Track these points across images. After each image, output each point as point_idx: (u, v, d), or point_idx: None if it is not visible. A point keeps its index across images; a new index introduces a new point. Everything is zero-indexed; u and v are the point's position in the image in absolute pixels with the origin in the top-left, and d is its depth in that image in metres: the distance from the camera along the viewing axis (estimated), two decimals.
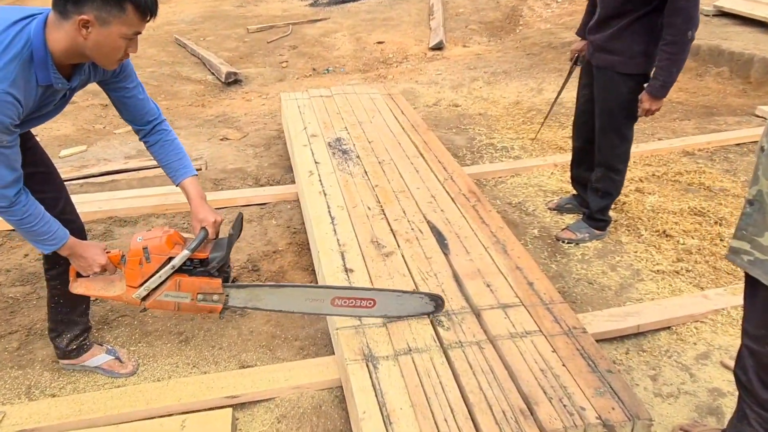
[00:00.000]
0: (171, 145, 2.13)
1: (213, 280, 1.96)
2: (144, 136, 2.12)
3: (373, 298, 2.13)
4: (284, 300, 2.08)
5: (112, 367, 2.31)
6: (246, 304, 2.06)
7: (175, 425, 1.98)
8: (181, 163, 2.13)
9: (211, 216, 2.05)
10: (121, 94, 2.01)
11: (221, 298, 2.00)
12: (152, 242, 1.91)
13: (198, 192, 2.11)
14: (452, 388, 1.91)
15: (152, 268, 1.91)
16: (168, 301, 1.96)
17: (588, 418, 1.79)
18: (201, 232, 1.97)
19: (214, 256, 1.94)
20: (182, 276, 1.94)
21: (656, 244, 3.07)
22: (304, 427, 2.05)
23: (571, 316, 2.23)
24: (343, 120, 4.05)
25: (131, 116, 2.06)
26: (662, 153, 4.08)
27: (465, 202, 3.01)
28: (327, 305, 2.10)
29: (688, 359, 2.36)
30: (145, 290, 1.92)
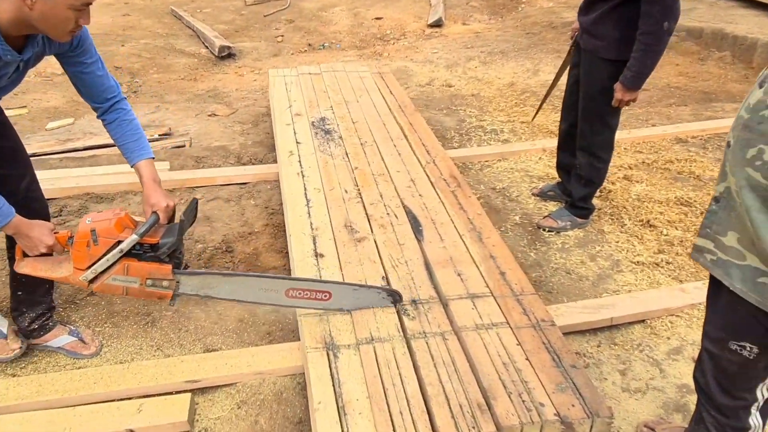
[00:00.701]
0: (129, 125, 2.07)
1: (163, 266, 1.91)
2: (102, 114, 2.05)
3: (328, 290, 2.09)
4: (237, 289, 2.04)
5: (74, 348, 2.29)
6: (197, 291, 2.01)
7: (132, 409, 1.96)
8: (137, 144, 2.07)
9: (163, 200, 2.00)
10: (79, 69, 1.95)
11: (171, 284, 1.95)
12: (101, 225, 1.86)
13: (151, 175, 2.05)
14: (411, 380, 1.88)
15: (100, 250, 1.86)
16: (116, 285, 1.91)
17: (546, 415, 1.75)
18: (152, 217, 1.92)
19: (164, 241, 1.89)
20: (131, 260, 1.89)
21: (639, 234, 3.01)
22: (263, 414, 2.03)
23: (541, 308, 2.19)
24: (330, 99, 3.98)
25: (89, 93, 2.00)
26: (654, 140, 4.00)
27: (445, 187, 2.95)
28: (282, 296, 2.06)
29: (660, 354, 2.32)
30: (92, 273, 1.88)
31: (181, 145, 4.09)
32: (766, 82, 1.30)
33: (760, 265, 1.32)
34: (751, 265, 1.34)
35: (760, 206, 1.29)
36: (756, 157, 1.28)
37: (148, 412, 1.95)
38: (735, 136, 1.36)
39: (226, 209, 3.20)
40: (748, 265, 1.35)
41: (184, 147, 4.07)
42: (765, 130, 1.26)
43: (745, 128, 1.31)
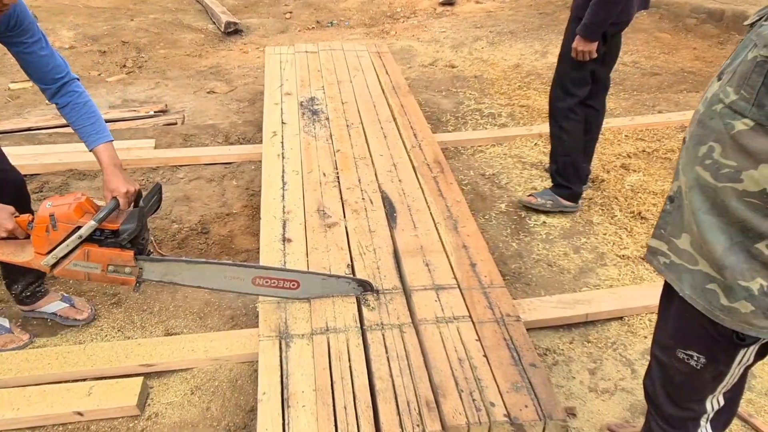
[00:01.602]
0: (83, 108, 2.01)
1: (124, 252, 1.88)
2: (52, 97, 2.00)
3: (296, 279, 2.05)
4: (203, 276, 2.01)
5: (67, 314, 2.29)
6: (162, 278, 1.98)
7: (83, 391, 1.95)
8: (94, 128, 2.02)
9: (123, 186, 1.96)
10: (20, 50, 1.89)
11: (134, 270, 1.92)
12: (60, 209, 1.83)
13: (111, 159, 2.01)
14: (361, 374, 1.82)
15: (59, 236, 1.84)
16: (78, 271, 1.90)
17: (495, 415, 1.69)
18: (111, 203, 1.88)
19: (125, 227, 1.86)
20: (91, 246, 1.86)
21: (628, 226, 2.89)
22: (216, 401, 2.00)
23: (508, 302, 2.11)
24: (323, 78, 3.90)
25: (35, 74, 1.94)
26: (658, 127, 3.84)
27: (427, 173, 2.87)
28: (248, 284, 2.02)
29: (634, 354, 2.22)
30: (53, 258, 1.86)
31: (173, 122, 4.05)
32: (724, 74, 1.19)
33: (710, 270, 1.23)
34: (702, 271, 1.25)
35: (709, 208, 1.19)
36: (706, 155, 1.18)
37: (98, 395, 1.93)
38: (690, 132, 1.26)
39: (207, 189, 3.16)
40: (699, 270, 1.26)
41: (176, 124, 4.03)
42: (716, 127, 1.15)
43: (698, 124, 1.21)
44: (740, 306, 1.18)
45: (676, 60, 5.14)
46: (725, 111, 1.13)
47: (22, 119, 4.21)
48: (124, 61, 5.77)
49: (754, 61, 1.09)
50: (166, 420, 1.93)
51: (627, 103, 4.26)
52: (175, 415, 1.95)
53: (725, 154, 1.14)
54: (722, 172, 1.14)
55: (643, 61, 5.11)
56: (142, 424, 1.92)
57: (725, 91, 1.13)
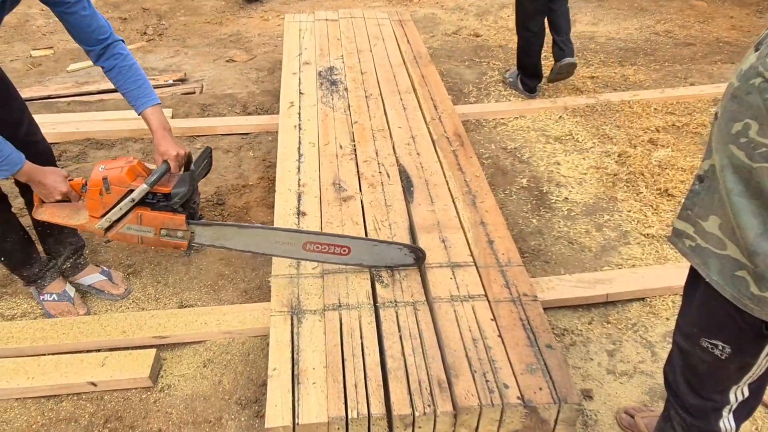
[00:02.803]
0: (129, 71, 1.98)
1: (176, 216, 1.87)
2: (98, 60, 1.96)
3: (347, 245, 2.01)
4: (253, 241, 1.98)
5: (103, 287, 2.32)
6: (213, 242, 1.97)
7: (97, 361, 1.96)
8: (141, 91, 1.99)
9: (173, 149, 1.94)
10: (62, 10, 1.85)
11: (186, 234, 1.91)
12: (113, 173, 1.82)
13: (161, 123, 1.99)
14: (372, 351, 1.79)
15: (113, 199, 1.83)
16: (131, 234, 1.89)
17: (508, 398, 1.65)
18: (162, 166, 1.86)
19: (177, 191, 1.84)
20: (144, 210, 1.86)
21: (654, 204, 2.79)
22: (228, 374, 2.00)
23: (525, 281, 2.05)
24: (342, 47, 3.81)
25: (78, 35, 1.90)
26: (689, 100, 3.69)
27: (446, 146, 2.79)
28: (299, 249, 1.99)
29: (655, 336, 2.16)
30: (107, 222, 1.85)
31: (191, 91, 4.01)
32: (762, 44, 1.10)
33: (740, 257, 1.16)
34: (730, 256, 1.18)
35: (743, 189, 1.11)
36: (741, 132, 1.09)
37: (111, 366, 1.94)
38: (722, 107, 1.17)
39: (224, 160, 3.13)
40: (727, 255, 1.18)
41: (194, 94, 4.00)
42: (753, 102, 1.07)
43: (733, 99, 1.12)
44: None
45: (711, 29, 4.93)
46: (765, 85, 1.04)
47: (42, 87, 4.21)
48: (144, 29, 5.72)
49: None
50: (179, 392, 1.94)
51: (657, 74, 4.10)
52: (188, 388, 1.96)
53: (763, 132, 1.05)
54: (759, 151, 1.06)
55: (677, 31, 4.90)
56: (154, 395, 1.92)
57: (765, 63, 1.04)
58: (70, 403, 1.89)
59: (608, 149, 3.19)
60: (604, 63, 4.30)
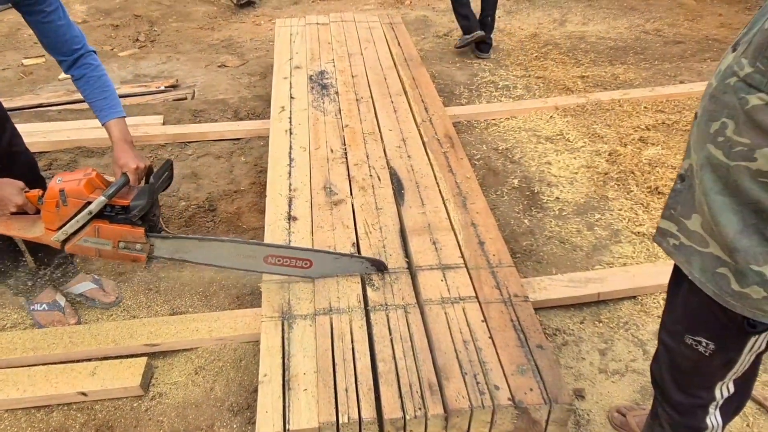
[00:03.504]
0: (97, 81, 1.98)
1: (135, 228, 1.86)
2: (69, 69, 1.97)
3: (309, 258, 2.01)
4: (214, 254, 1.99)
5: (94, 295, 2.31)
6: (173, 255, 1.96)
7: (87, 371, 1.96)
8: (107, 102, 1.99)
9: (133, 162, 1.93)
10: (38, 19, 1.85)
11: (145, 247, 1.90)
12: (70, 185, 1.81)
13: (122, 135, 1.98)
14: (363, 355, 1.79)
15: (70, 211, 1.82)
16: (89, 247, 1.88)
17: (499, 399, 1.65)
18: (121, 178, 1.85)
19: (135, 203, 1.83)
20: (102, 222, 1.85)
21: (645, 202, 2.80)
22: (219, 381, 2.00)
23: (516, 282, 2.05)
24: (333, 51, 3.81)
25: (52, 44, 1.90)
26: (679, 98, 3.70)
27: (437, 148, 2.80)
28: (260, 263, 2.00)
29: (646, 334, 2.16)
30: (63, 234, 1.84)
31: (183, 97, 4.02)
32: (739, 45, 1.10)
33: (721, 254, 1.16)
34: (712, 253, 1.18)
35: (721, 188, 1.12)
36: (718, 131, 1.10)
37: (102, 375, 1.94)
38: (702, 107, 1.18)
39: (215, 166, 3.13)
40: (709, 252, 1.19)
41: (186, 99, 4.00)
42: (729, 102, 1.07)
43: (711, 98, 1.13)
44: (752, 291, 1.12)
45: (700, 27, 4.95)
46: (739, 85, 1.05)
47: (34, 95, 4.21)
48: (136, 35, 5.73)
49: None
50: (170, 400, 1.94)
51: (647, 73, 4.11)
52: (179, 396, 1.95)
53: (739, 131, 1.06)
54: (735, 150, 1.07)
55: (666, 29, 4.92)
56: (146, 404, 1.92)
57: (740, 63, 1.05)
58: (60, 413, 1.89)
59: (599, 148, 3.20)
60: (594, 62, 4.31)
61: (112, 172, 1.99)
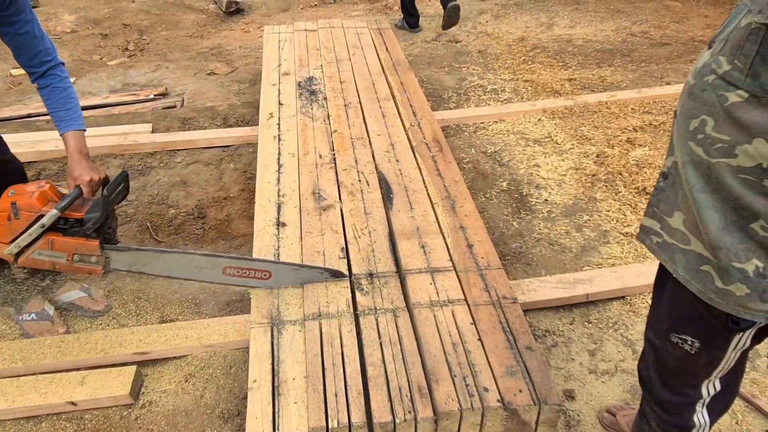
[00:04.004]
0: (62, 92, 1.99)
1: (90, 241, 1.85)
2: (36, 79, 1.98)
3: (268, 270, 2.01)
4: (171, 266, 1.98)
5: (84, 304, 2.30)
6: (130, 267, 1.96)
7: (76, 381, 1.94)
8: (68, 113, 2.00)
9: (86, 174, 1.93)
10: (14, 30, 1.86)
11: (100, 260, 1.89)
12: (22, 198, 1.80)
13: (78, 147, 1.98)
14: (353, 360, 1.79)
15: (22, 224, 1.81)
16: (43, 260, 1.87)
17: (488, 401, 1.65)
18: (74, 191, 1.85)
19: (90, 216, 1.83)
20: (55, 235, 1.84)
21: (633, 203, 2.82)
22: (210, 388, 1.99)
23: (504, 284, 2.06)
24: (322, 57, 3.82)
25: (24, 56, 1.91)
26: (666, 99, 3.73)
27: (425, 152, 2.81)
28: (218, 274, 2.00)
29: (636, 334, 2.17)
30: (16, 247, 1.83)
31: (172, 105, 4.01)
32: (715, 43, 1.12)
33: (704, 251, 1.17)
34: (695, 251, 1.19)
35: (703, 185, 1.13)
36: (698, 129, 1.11)
37: (91, 384, 1.93)
38: (680, 105, 1.19)
39: (205, 173, 3.12)
40: (692, 250, 1.20)
41: (175, 108, 3.99)
42: (708, 99, 1.09)
43: (689, 96, 1.14)
44: (735, 288, 1.12)
45: (686, 29, 4.99)
46: (718, 82, 1.06)
47: (22, 106, 4.20)
48: (125, 44, 5.72)
49: (748, 28, 1.01)
50: (160, 408, 1.93)
51: (634, 75, 4.14)
52: (169, 403, 1.94)
53: (718, 128, 1.07)
54: (715, 147, 1.08)
55: (653, 31, 4.96)
56: (135, 412, 1.91)
57: (717, 60, 1.06)
58: (49, 423, 1.87)
59: (587, 150, 3.22)
60: (581, 65, 4.34)
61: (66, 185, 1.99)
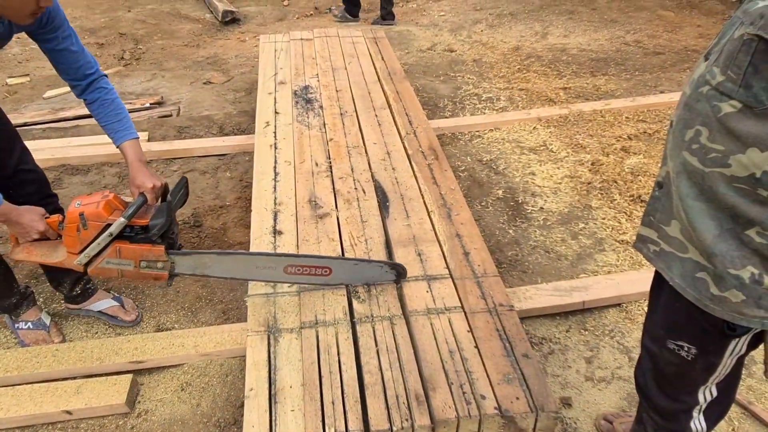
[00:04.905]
0: (111, 104, 1.99)
1: (155, 247, 1.86)
2: (82, 93, 1.97)
3: (329, 266, 2.02)
4: (233, 267, 1.99)
5: (115, 313, 2.30)
6: (194, 271, 1.96)
7: (71, 389, 1.94)
8: (121, 124, 2.00)
9: (149, 181, 1.94)
10: (52, 46, 1.86)
11: (166, 265, 1.90)
12: (89, 208, 1.81)
13: (137, 156, 1.99)
14: (350, 368, 1.79)
15: (90, 234, 1.82)
16: (111, 268, 1.88)
17: (486, 408, 1.65)
18: (138, 198, 1.86)
19: (154, 222, 1.84)
20: (123, 243, 1.84)
21: (628, 210, 2.84)
22: (205, 397, 1.98)
23: (501, 292, 2.07)
24: (318, 66, 3.84)
25: (65, 70, 1.91)
26: (660, 108, 3.76)
27: (421, 160, 2.82)
28: (280, 273, 2.00)
29: (632, 341, 2.18)
30: (85, 257, 1.84)
31: (168, 114, 4.02)
32: (711, 54, 1.13)
33: (700, 259, 1.18)
34: (691, 258, 1.20)
35: (697, 193, 1.14)
36: (693, 139, 1.13)
37: (87, 393, 1.92)
38: (676, 115, 1.20)
39: (201, 182, 3.13)
40: (689, 258, 1.21)
41: (171, 116, 4.00)
42: (702, 110, 1.10)
43: (685, 107, 1.16)
44: (730, 295, 1.13)
45: (679, 38, 5.04)
46: (712, 93, 1.07)
47: (18, 114, 4.19)
48: (121, 53, 5.73)
49: (740, 40, 1.03)
50: (156, 417, 1.92)
51: (628, 83, 4.18)
52: (166, 412, 1.94)
53: (712, 138, 1.09)
54: (710, 156, 1.09)
55: (646, 40, 5.01)
56: (131, 421, 1.90)
57: (712, 71, 1.08)
58: None
59: (582, 158, 3.24)
60: (576, 74, 4.38)
61: (130, 192, 2.00)
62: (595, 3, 5.90)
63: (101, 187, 3.12)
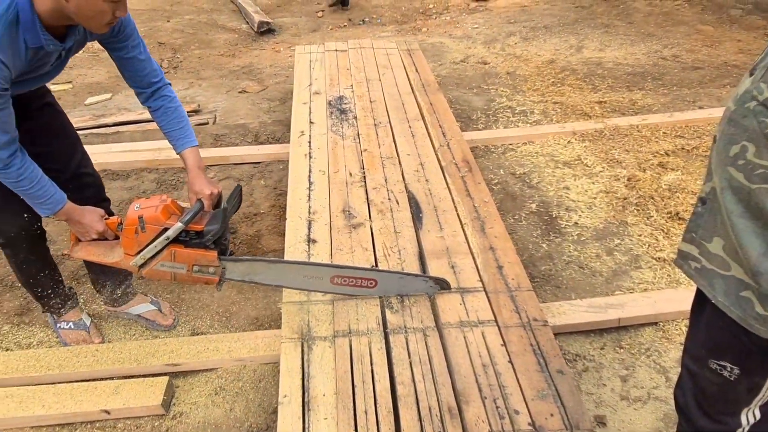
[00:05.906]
0: (174, 113, 2.05)
1: (208, 252, 1.91)
2: (146, 100, 2.05)
3: (374, 278, 2.05)
4: (282, 275, 2.03)
5: (153, 318, 2.36)
6: (243, 277, 2.00)
7: (110, 389, 1.98)
8: (183, 132, 2.06)
9: (207, 188, 1.99)
10: (122, 54, 1.93)
11: (217, 270, 1.95)
12: (148, 212, 1.87)
13: (196, 163, 2.05)
14: (383, 378, 1.80)
15: (147, 237, 1.87)
16: (165, 271, 1.93)
17: (519, 424, 1.64)
18: (196, 204, 1.91)
19: (209, 228, 1.89)
20: (178, 247, 1.89)
21: (665, 227, 2.79)
22: (239, 402, 2.01)
23: (535, 306, 2.05)
24: (352, 77, 3.88)
25: (132, 77, 1.98)
26: (698, 123, 3.70)
27: (455, 172, 2.82)
28: (326, 283, 2.03)
29: (669, 361, 2.14)
30: (141, 259, 1.90)
31: (205, 122, 4.10)
32: (756, 70, 1.12)
33: (744, 277, 1.16)
34: (735, 276, 1.18)
35: (743, 210, 1.12)
36: (739, 155, 1.11)
37: (125, 394, 1.96)
38: (720, 131, 1.19)
39: None
40: (732, 276, 1.19)
41: (207, 124, 4.08)
42: (749, 125, 1.08)
43: (729, 122, 1.14)
44: None
45: (719, 53, 4.95)
46: (759, 108, 1.06)
47: None
48: (160, 62, 5.85)
49: None
50: (191, 420, 1.95)
51: (666, 98, 4.12)
52: (200, 416, 1.97)
53: (759, 154, 1.07)
54: (756, 173, 1.08)
55: (684, 55, 4.94)
56: (167, 423, 1.94)
57: (759, 87, 1.06)
58: (83, 431, 1.91)
59: (617, 173, 3.20)
60: (611, 88, 4.33)
61: (187, 198, 2.05)
62: (631, 17, 5.85)
63: (140, 192, 3.19)
